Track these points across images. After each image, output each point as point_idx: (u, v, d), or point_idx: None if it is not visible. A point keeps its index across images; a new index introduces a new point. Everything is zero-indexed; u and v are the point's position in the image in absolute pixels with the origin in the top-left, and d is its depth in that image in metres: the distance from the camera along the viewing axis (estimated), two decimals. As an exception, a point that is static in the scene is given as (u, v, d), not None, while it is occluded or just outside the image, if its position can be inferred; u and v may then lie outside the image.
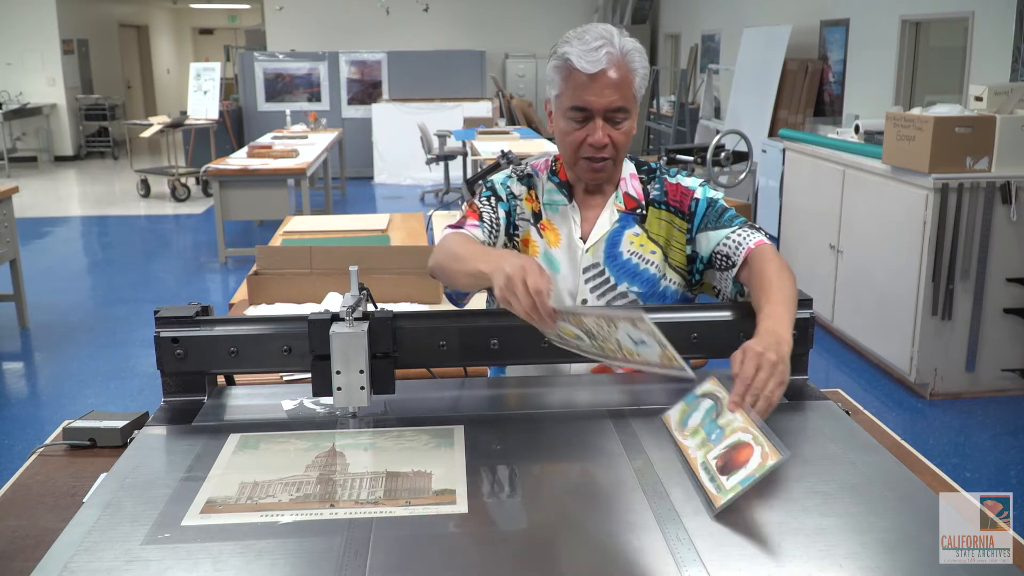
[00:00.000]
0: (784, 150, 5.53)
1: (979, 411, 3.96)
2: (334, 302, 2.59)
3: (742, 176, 6.01)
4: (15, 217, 5.09)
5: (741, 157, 5.98)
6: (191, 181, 10.02)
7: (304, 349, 1.43)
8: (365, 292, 1.49)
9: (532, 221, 1.73)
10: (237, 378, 1.68)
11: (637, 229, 1.71)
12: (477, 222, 1.67)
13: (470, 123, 9.81)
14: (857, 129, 4.90)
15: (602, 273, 1.69)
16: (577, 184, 1.72)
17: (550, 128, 1.71)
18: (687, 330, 1.53)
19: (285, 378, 1.94)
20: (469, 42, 12.93)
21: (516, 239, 1.74)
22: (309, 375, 1.43)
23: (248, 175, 6.62)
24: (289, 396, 1.55)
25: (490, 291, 1.79)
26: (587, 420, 1.44)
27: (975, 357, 4.02)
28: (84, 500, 1.23)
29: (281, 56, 11.70)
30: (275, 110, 10.97)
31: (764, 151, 7.38)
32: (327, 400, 1.44)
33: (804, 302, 1.55)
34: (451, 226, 1.68)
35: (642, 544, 1.07)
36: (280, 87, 11.59)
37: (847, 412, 1.47)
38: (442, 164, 9.27)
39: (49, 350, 4.95)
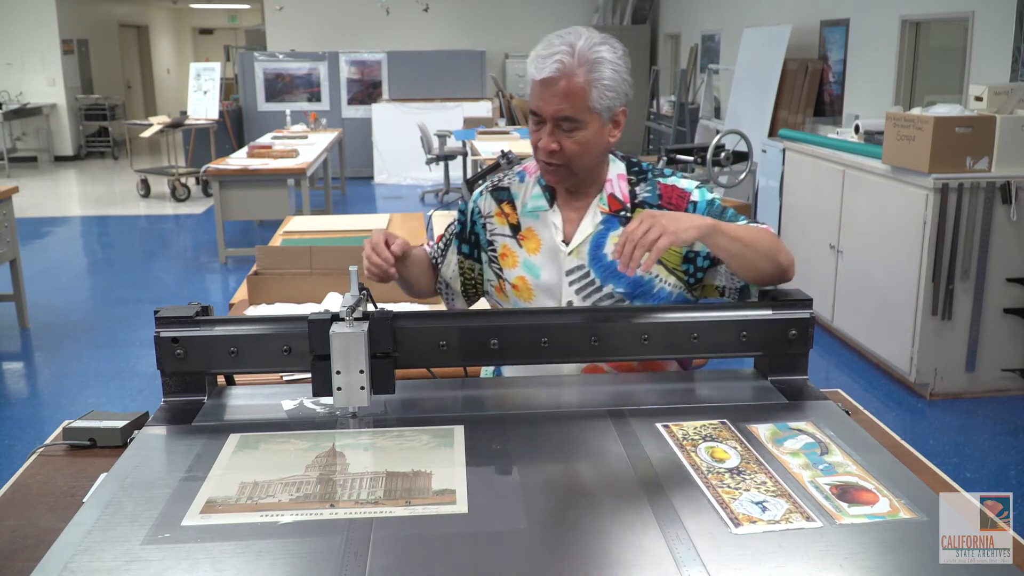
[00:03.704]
0: (784, 150, 5.53)
1: (979, 411, 3.96)
2: (334, 302, 2.59)
3: (742, 176, 6.01)
4: (15, 217, 5.09)
5: (741, 157, 5.98)
6: (191, 181, 10.02)
7: (304, 349, 1.42)
8: (365, 292, 1.50)
9: (510, 234, 1.73)
10: (237, 378, 1.68)
11: (621, 231, 1.69)
12: (431, 248, 1.84)
13: (470, 123, 9.81)
14: (857, 129, 4.90)
15: (587, 275, 1.68)
16: (559, 186, 1.72)
17: None
18: (687, 330, 1.53)
19: (285, 378, 1.94)
20: (469, 42, 12.93)
21: (493, 253, 1.75)
22: (309, 375, 1.43)
23: (248, 175, 6.62)
24: (289, 396, 1.55)
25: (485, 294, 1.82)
26: (587, 420, 1.44)
27: (975, 357, 4.02)
28: (84, 500, 1.23)
29: (281, 56, 11.70)
30: (275, 110, 10.97)
31: (764, 151, 7.37)
32: (327, 400, 1.44)
33: (804, 302, 1.55)
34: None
35: (642, 544, 1.07)
36: (280, 87, 11.59)
37: (847, 412, 1.47)
38: (442, 164, 9.27)
39: (49, 350, 4.95)
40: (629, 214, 1.69)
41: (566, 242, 1.69)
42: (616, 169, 1.72)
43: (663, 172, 1.75)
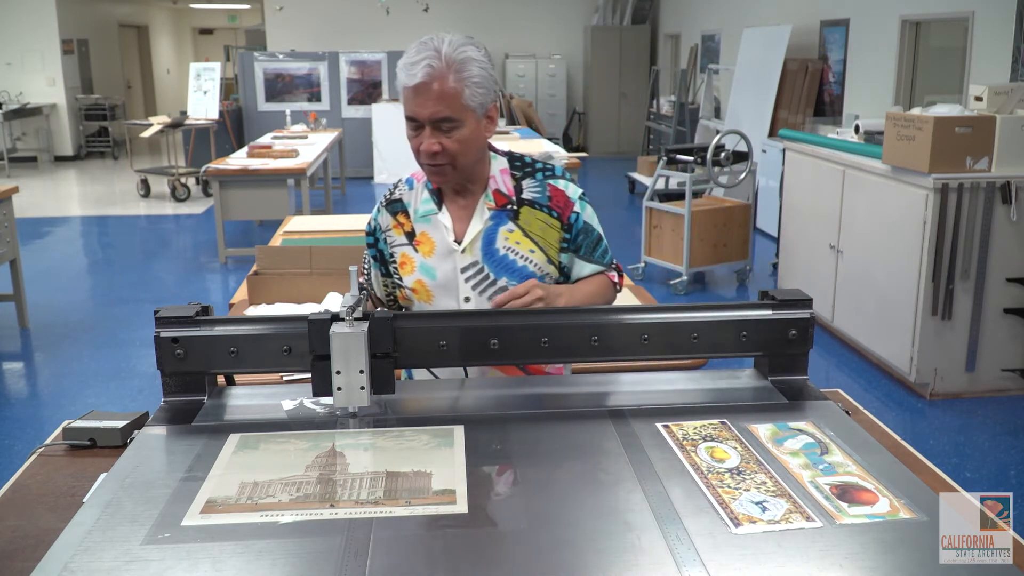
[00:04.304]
0: (784, 150, 5.53)
1: (979, 411, 3.96)
2: (334, 302, 2.59)
3: (742, 176, 6.01)
4: (15, 217, 5.09)
5: (741, 157, 5.98)
6: (191, 181, 10.02)
7: (304, 349, 1.42)
8: (365, 292, 1.50)
9: (407, 242, 1.78)
10: (237, 378, 1.68)
11: (511, 226, 1.73)
12: (363, 279, 1.86)
13: (470, 123, 9.79)
14: (857, 129, 4.90)
15: (481, 270, 1.72)
16: (445, 188, 1.76)
17: None
18: (687, 330, 1.53)
19: (285, 378, 1.94)
20: (469, 42, 12.92)
21: (394, 264, 1.79)
22: (309, 375, 1.43)
23: (248, 175, 6.62)
24: (289, 396, 1.55)
25: None
26: (587, 420, 1.44)
27: (975, 357, 4.02)
28: (84, 500, 1.23)
29: (281, 56, 11.70)
30: (275, 110, 10.96)
31: (764, 151, 7.38)
32: (327, 400, 1.44)
33: (804, 302, 1.55)
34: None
35: (642, 544, 1.07)
36: (280, 87, 11.59)
37: (847, 412, 1.47)
38: (442, 164, 9.25)
39: (49, 350, 4.95)
40: (516, 207, 1.73)
41: (458, 241, 1.73)
42: (498, 165, 1.76)
43: (553, 171, 1.79)
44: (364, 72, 11.76)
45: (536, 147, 7.20)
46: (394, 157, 10.83)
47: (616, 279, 1.84)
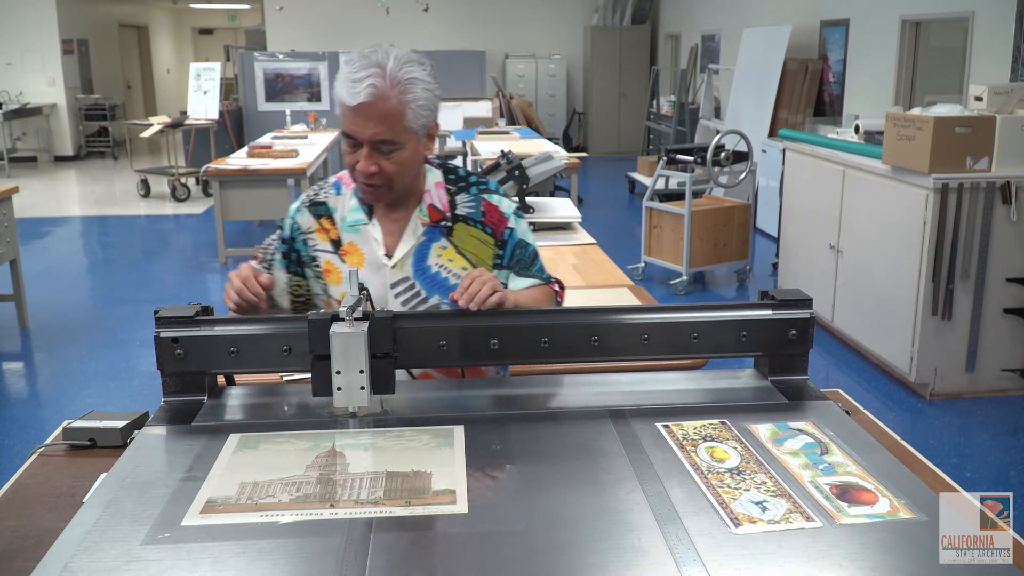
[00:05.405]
0: (784, 150, 5.53)
1: (979, 411, 3.96)
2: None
3: (742, 176, 6.01)
4: (15, 217, 5.09)
5: (741, 157, 5.98)
6: (191, 181, 10.02)
7: (304, 349, 1.42)
8: (365, 292, 1.50)
9: (332, 250, 1.72)
10: (237, 378, 1.68)
11: (444, 242, 1.70)
12: (258, 264, 1.74)
13: (470, 123, 9.80)
14: (857, 129, 4.90)
15: (412, 287, 1.69)
16: (378, 203, 1.71)
17: None
18: (687, 330, 1.53)
19: (285, 378, 1.94)
20: (469, 42, 12.93)
21: (317, 269, 1.74)
22: (309, 375, 1.43)
23: (248, 175, 6.62)
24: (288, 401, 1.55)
25: None
26: (587, 420, 1.44)
27: (975, 357, 4.02)
28: (84, 500, 1.23)
29: (281, 56, 11.70)
30: (275, 110, 10.96)
31: (764, 151, 7.38)
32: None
33: (804, 302, 1.55)
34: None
35: (642, 544, 1.07)
36: (280, 87, 11.59)
37: (847, 412, 1.47)
38: (442, 164, 9.26)
39: (49, 350, 4.95)
40: (450, 224, 1.70)
41: (389, 256, 1.69)
42: (433, 178, 1.72)
43: (488, 186, 1.76)
44: (364, 72, 11.74)
45: (536, 147, 7.20)
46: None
47: (558, 290, 1.82)
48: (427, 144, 1.63)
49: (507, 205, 1.75)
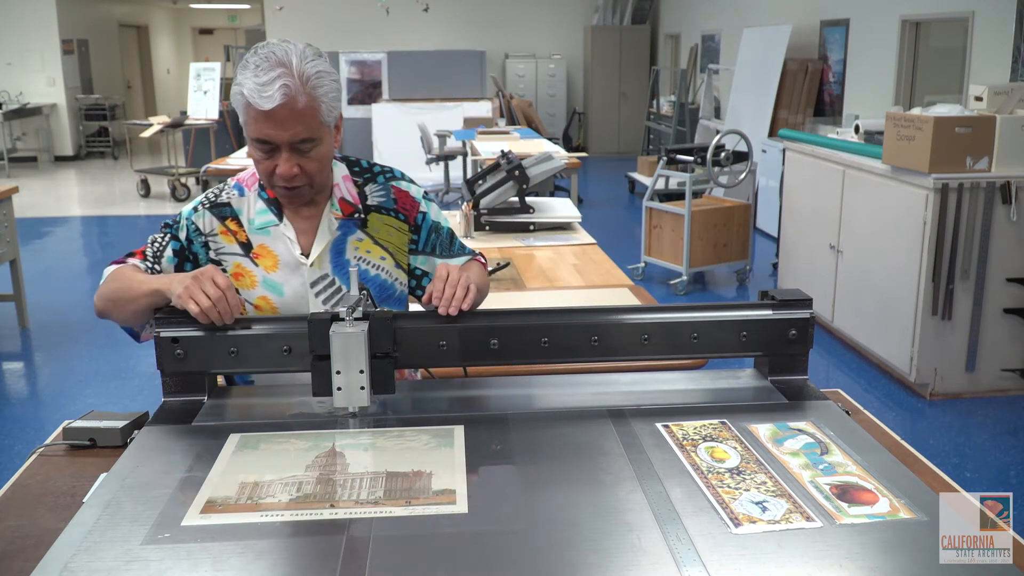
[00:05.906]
0: (784, 150, 5.53)
1: (979, 411, 3.96)
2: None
3: (742, 176, 6.01)
4: (15, 217, 5.09)
5: (741, 157, 5.98)
6: (191, 181, 10.02)
7: (304, 349, 1.42)
8: (365, 292, 1.50)
9: (242, 252, 1.67)
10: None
11: (360, 234, 1.69)
12: (140, 261, 1.66)
13: (470, 123, 9.80)
14: (857, 129, 4.90)
15: (332, 283, 1.67)
16: (299, 204, 1.67)
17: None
18: (687, 330, 1.53)
19: (285, 378, 1.93)
20: (469, 42, 12.93)
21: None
22: (309, 375, 1.43)
23: (248, 175, 6.61)
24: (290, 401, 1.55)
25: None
26: (587, 420, 1.44)
27: (975, 357, 4.02)
28: (84, 500, 1.23)
29: (281, 56, 11.68)
30: (275, 110, 10.94)
31: (764, 151, 7.38)
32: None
33: (804, 302, 1.55)
34: (114, 262, 1.67)
35: (642, 544, 1.07)
36: (280, 87, 11.57)
37: (847, 412, 1.47)
38: (442, 164, 9.27)
39: (49, 350, 4.95)
40: (363, 215, 1.69)
41: (305, 254, 1.66)
42: (339, 172, 1.71)
43: (393, 173, 1.76)
44: (364, 72, 11.75)
45: (536, 147, 7.20)
46: (394, 157, 10.83)
47: (483, 262, 1.84)
48: (336, 136, 1.62)
49: (416, 190, 1.75)
